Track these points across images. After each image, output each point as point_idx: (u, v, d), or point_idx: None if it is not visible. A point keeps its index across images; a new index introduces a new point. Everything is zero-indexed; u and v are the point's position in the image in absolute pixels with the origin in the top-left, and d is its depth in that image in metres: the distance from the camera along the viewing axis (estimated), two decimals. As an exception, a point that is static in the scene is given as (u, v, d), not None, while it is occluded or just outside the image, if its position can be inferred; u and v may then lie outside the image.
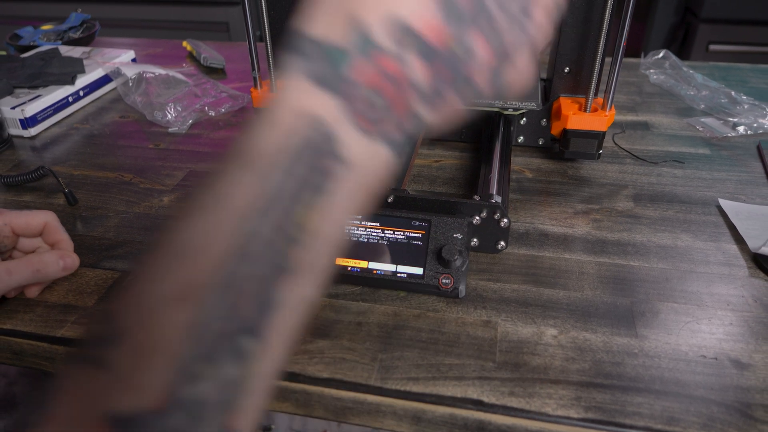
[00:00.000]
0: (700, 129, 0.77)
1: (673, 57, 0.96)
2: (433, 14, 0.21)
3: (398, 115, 0.21)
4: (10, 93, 0.81)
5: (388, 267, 0.49)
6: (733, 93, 0.84)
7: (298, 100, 0.20)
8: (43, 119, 0.80)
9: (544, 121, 0.69)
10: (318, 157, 0.20)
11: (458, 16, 0.21)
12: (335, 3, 0.21)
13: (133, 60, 1.01)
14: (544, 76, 0.73)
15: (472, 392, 0.40)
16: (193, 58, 1.08)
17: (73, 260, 0.50)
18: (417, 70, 0.21)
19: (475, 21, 0.22)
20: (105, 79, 0.92)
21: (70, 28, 1.16)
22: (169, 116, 0.81)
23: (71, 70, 0.87)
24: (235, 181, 0.20)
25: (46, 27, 1.17)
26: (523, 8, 0.24)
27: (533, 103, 0.62)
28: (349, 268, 0.49)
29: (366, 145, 0.21)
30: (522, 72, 0.26)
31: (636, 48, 1.99)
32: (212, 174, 0.21)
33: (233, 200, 0.20)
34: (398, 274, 0.49)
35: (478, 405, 0.40)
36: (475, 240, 0.52)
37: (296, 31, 0.22)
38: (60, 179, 0.63)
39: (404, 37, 0.20)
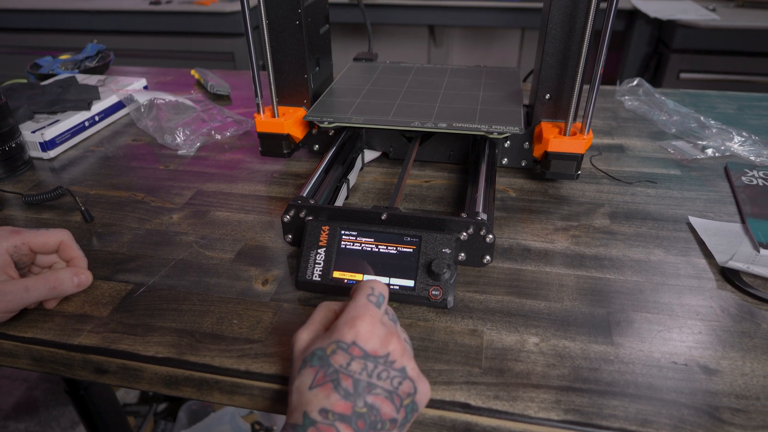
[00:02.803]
0: (672, 151, 0.78)
1: (647, 84, 0.97)
2: (337, 398, 0.35)
3: None
4: (30, 118, 0.82)
5: (381, 280, 0.49)
6: (702, 118, 0.85)
7: None
8: (61, 142, 0.81)
9: (526, 144, 0.70)
10: None
11: (348, 393, 0.35)
12: (296, 405, 0.36)
13: (145, 87, 1.02)
14: (526, 102, 0.74)
15: (460, 396, 0.41)
16: (200, 85, 1.09)
17: (86, 277, 0.51)
18: (341, 428, 0.34)
19: (363, 391, 0.35)
20: (119, 105, 0.93)
21: (87, 58, 1.17)
22: (178, 140, 0.82)
23: (87, 96, 0.88)
24: None
25: (64, 57, 1.18)
26: (385, 361, 0.37)
27: (516, 128, 0.63)
28: (346, 281, 0.50)
29: None
30: (425, 392, 0.38)
31: (612, 76, 2.02)
32: None
33: None
34: (391, 286, 0.49)
35: (466, 408, 0.40)
36: (462, 254, 0.53)
37: (286, 420, 0.36)
38: (77, 198, 0.64)
39: (327, 414, 0.34)
